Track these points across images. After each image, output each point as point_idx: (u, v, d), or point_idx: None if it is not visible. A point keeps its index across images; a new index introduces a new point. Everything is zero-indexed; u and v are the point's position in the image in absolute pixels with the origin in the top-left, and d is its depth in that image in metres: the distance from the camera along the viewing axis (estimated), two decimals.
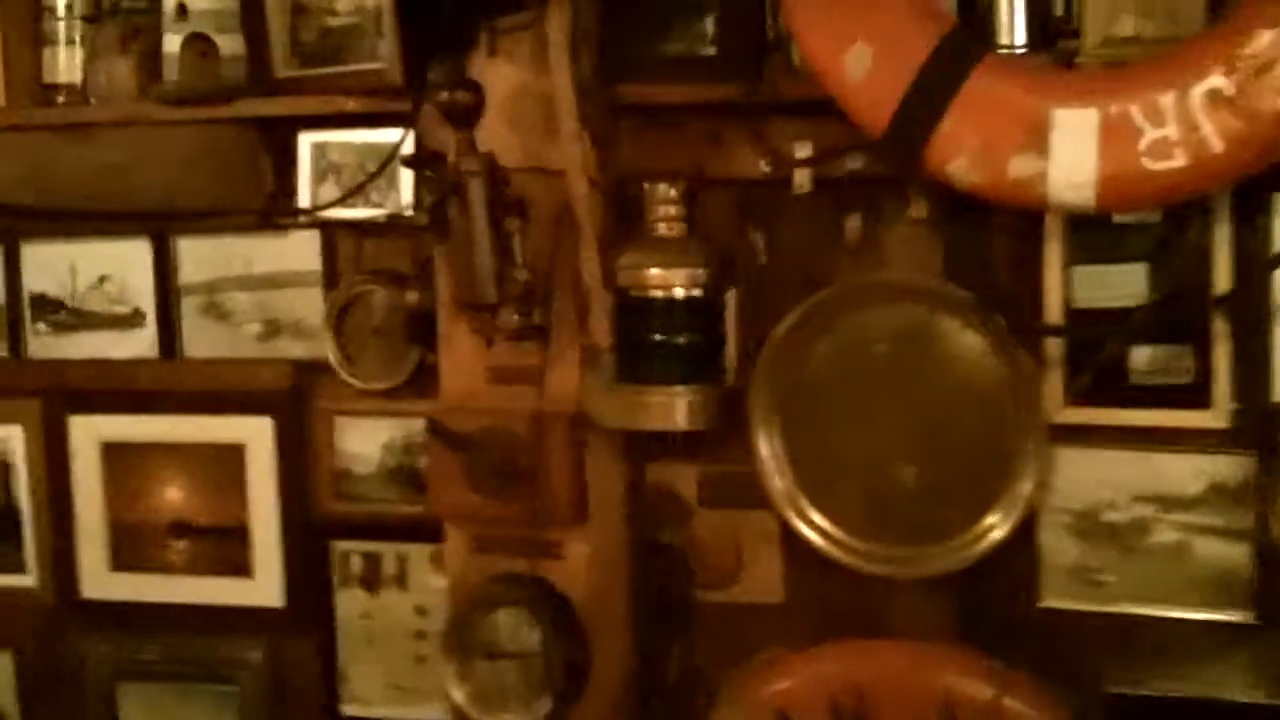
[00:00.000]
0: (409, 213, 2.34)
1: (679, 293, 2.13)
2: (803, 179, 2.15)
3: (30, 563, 2.73)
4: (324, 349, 2.50)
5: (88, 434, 2.69)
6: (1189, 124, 1.77)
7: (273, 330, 2.59)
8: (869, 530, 2.21)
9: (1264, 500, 2.09)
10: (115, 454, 2.68)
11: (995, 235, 2.18)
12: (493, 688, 2.24)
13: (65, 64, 2.54)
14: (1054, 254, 2.13)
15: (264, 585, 2.61)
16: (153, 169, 2.48)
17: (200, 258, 2.61)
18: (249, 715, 2.64)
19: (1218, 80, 1.76)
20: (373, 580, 2.58)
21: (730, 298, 2.19)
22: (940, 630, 2.25)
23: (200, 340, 2.63)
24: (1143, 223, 2.12)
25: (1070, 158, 1.82)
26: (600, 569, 2.28)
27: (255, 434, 2.58)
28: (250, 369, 2.59)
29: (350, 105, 2.32)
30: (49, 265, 2.69)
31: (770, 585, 2.36)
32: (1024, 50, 2.04)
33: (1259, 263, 2.06)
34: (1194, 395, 2.10)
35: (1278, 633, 2.11)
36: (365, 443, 2.54)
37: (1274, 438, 2.07)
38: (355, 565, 2.58)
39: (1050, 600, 2.22)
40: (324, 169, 2.43)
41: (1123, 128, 1.80)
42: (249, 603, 2.62)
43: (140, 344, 2.66)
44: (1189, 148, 1.78)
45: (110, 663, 2.70)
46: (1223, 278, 2.07)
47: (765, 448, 2.23)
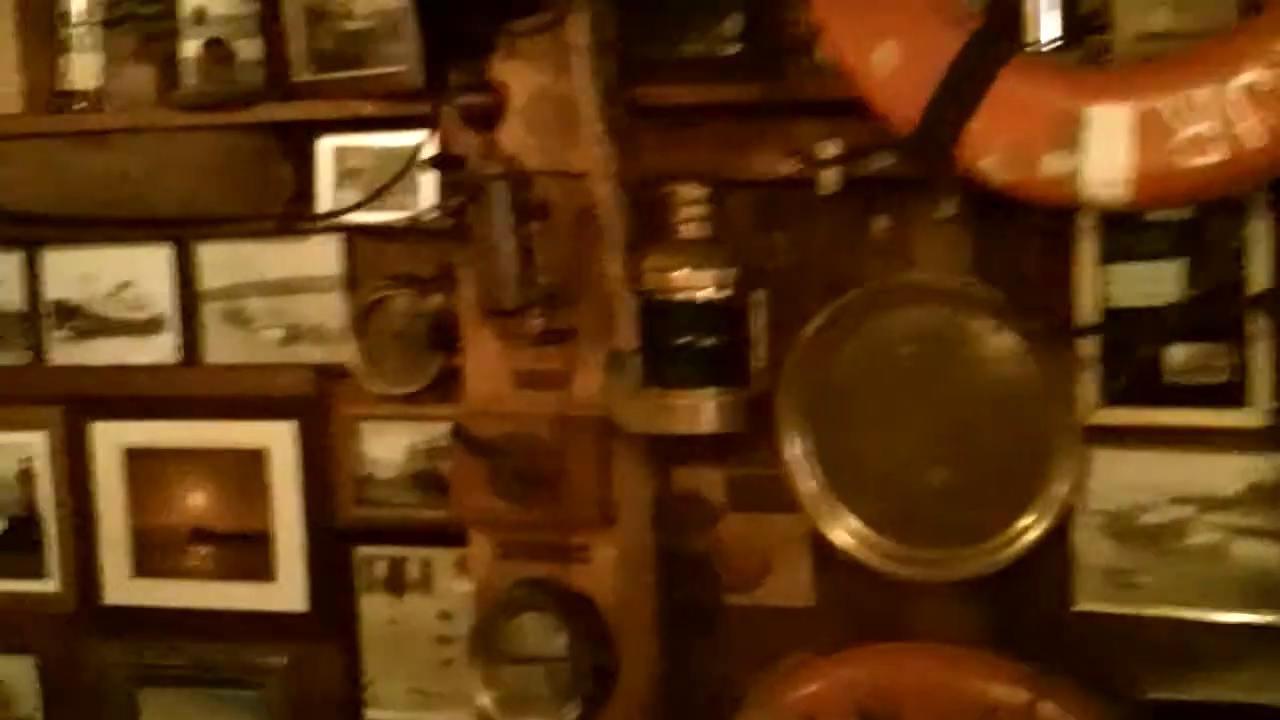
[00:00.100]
0: (430, 217, 2.32)
1: (704, 295, 2.12)
2: (829, 179, 2.12)
3: (52, 569, 2.73)
4: (345, 354, 2.49)
5: (109, 440, 2.68)
6: (1225, 119, 1.73)
7: (294, 336, 2.58)
8: (899, 533, 2.19)
9: None
10: (137, 460, 2.67)
11: (1026, 234, 2.15)
12: (519, 693, 2.23)
13: (82, 71, 2.53)
14: (1086, 252, 2.11)
15: (287, 591, 2.60)
16: (171, 175, 2.47)
17: (220, 263, 2.60)
18: None
19: (1255, 74, 1.72)
20: (397, 585, 2.57)
21: (757, 300, 2.17)
22: (971, 634, 2.23)
23: (221, 346, 2.63)
24: (1176, 219, 2.10)
25: (1103, 155, 1.79)
26: (626, 573, 2.27)
27: (277, 439, 2.57)
28: (271, 374, 2.58)
29: (370, 109, 2.31)
30: (69, 272, 2.68)
31: (798, 589, 2.34)
32: (1054, 47, 2.01)
33: None
34: (1231, 394, 2.08)
35: None
36: (388, 448, 2.53)
37: None
38: (379, 570, 2.57)
39: (1085, 603, 2.20)
40: (344, 173, 2.41)
41: (1157, 124, 1.76)
42: (272, 608, 2.62)
43: (161, 350, 2.65)
44: (1225, 143, 1.74)
45: (132, 669, 2.71)
46: (1259, 274, 2.05)
47: (793, 450, 2.22)
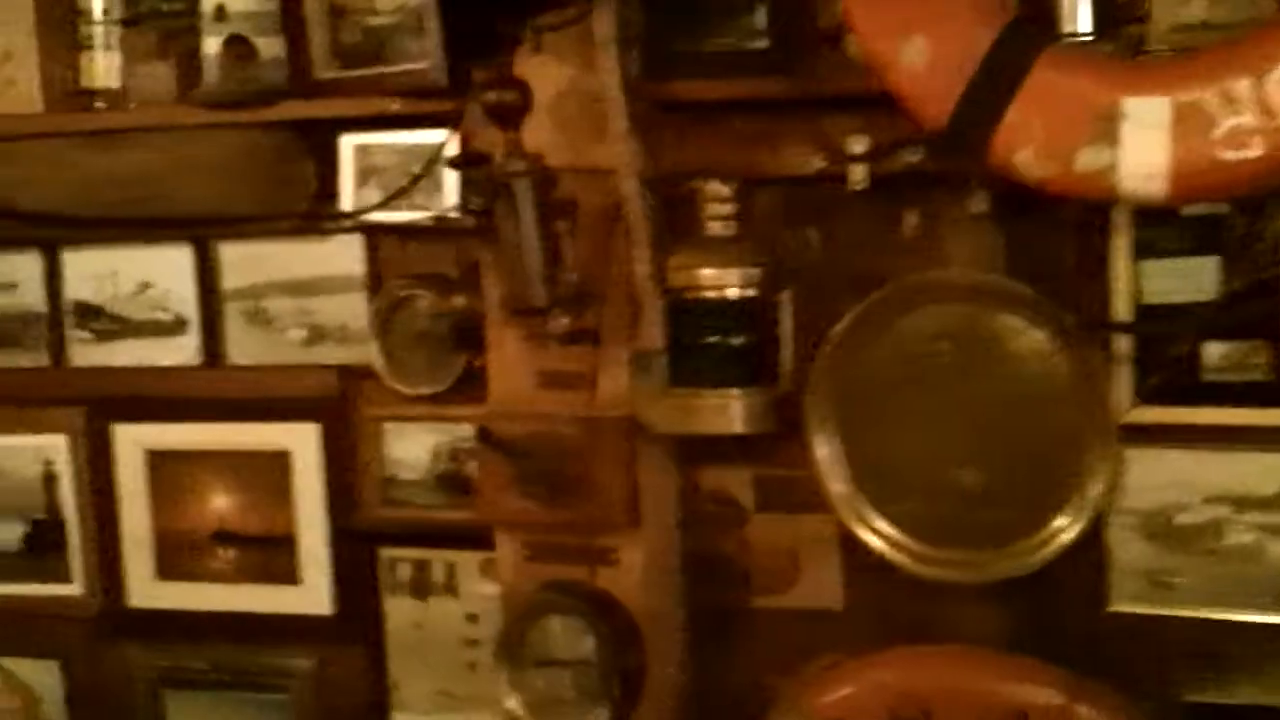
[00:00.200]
0: (454, 215, 2.30)
1: (732, 293, 2.09)
2: (858, 175, 2.10)
3: (76, 572, 2.72)
4: (368, 354, 2.47)
5: (132, 442, 2.67)
6: (1267, 111, 1.69)
7: (316, 336, 2.57)
8: (931, 535, 2.16)
9: None
10: (160, 462, 2.66)
11: (1059, 229, 2.12)
12: (546, 696, 2.22)
13: (103, 69, 2.52)
14: (1121, 248, 2.08)
15: (312, 593, 2.59)
16: (193, 174, 2.47)
17: (242, 263, 2.59)
18: None
19: None
20: (422, 587, 2.55)
21: (785, 298, 2.15)
22: (1004, 637, 2.20)
23: (244, 346, 2.61)
24: (1212, 214, 2.06)
25: (1141, 148, 1.76)
26: (653, 575, 2.25)
27: (301, 441, 2.56)
28: (295, 375, 2.57)
29: (393, 106, 2.29)
30: (90, 273, 2.67)
31: (828, 591, 2.32)
32: (1088, 38, 1.98)
33: None
34: (1269, 392, 2.05)
35: None
36: (412, 448, 2.51)
37: None
38: (403, 572, 2.56)
39: (1119, 605, 2.17)
40: (366, 171, 2.39)
41: (1196, 116, 1.73)
42: (297, 611, 2.60)
43: (183, 351, 2.64)
44: (1266, 136, 1.70)
45: (157, 672, 2.70)
46: None
47: (823, 451, 2.19)
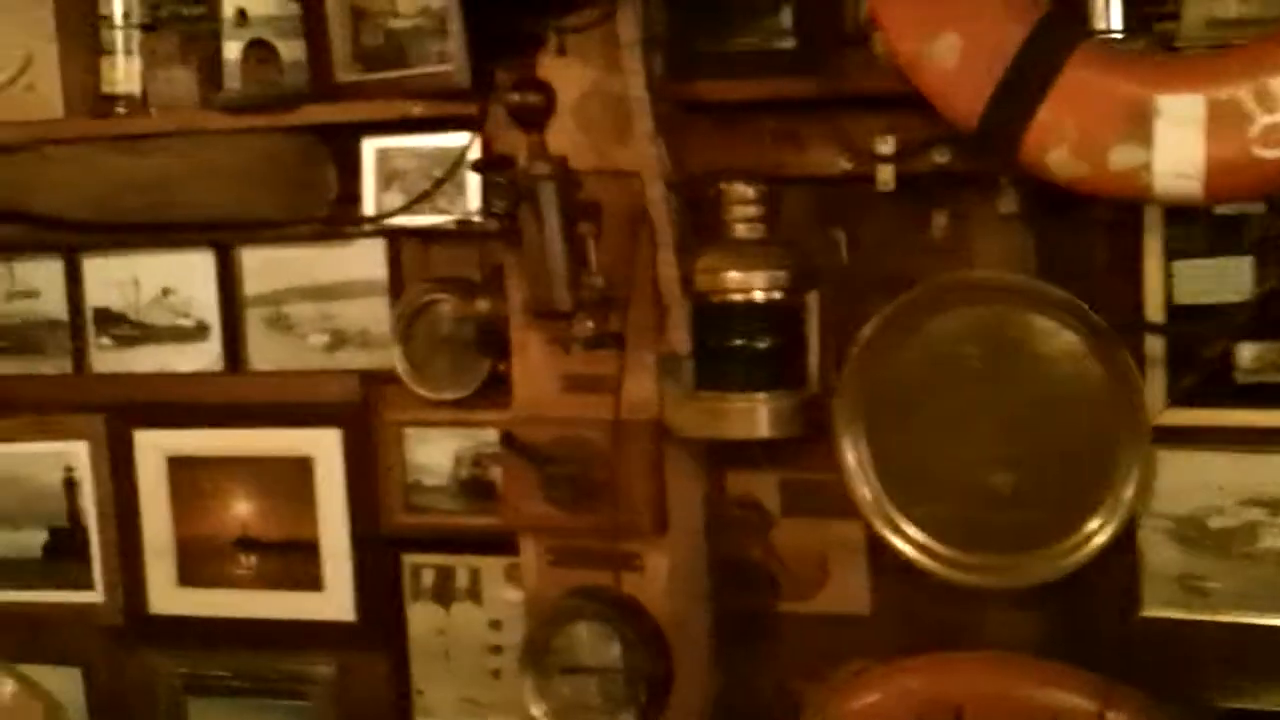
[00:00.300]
0: (477, 219, 2.28)
1: (759, 296, 2.08)
2: (886, 175, 2.09)
3: (97, 579, 2.71)
4: (391, 359, 2.45)
5: (153, 448, 2.66)
6: None
7: (338, 341, 2.55)
8: (962, 539, 2.14)
9: None
10: (181, 468, 2.65)
11: (1090, 230, 2.11)
12: (573, 703, 2.20)
13: (124, 74, 2.50)
14: (1153, 248, 2.07)
15: (334, 599, 2.57)
16: (214, 179, 2.46)
17: (264, 268, 2.58)
18: None
19: None
20: (445, 593, 2.53)
21: (812, 300, 2.13)
22: (1034, 642, 2.18)
23: (265, 352, 2.60)
24: (1245, 213, 2.04)
25: (1176, 146, 1.74)
26: (680, 581, 2.23)
27: (323, 446, 2.55)
28: (317, 381, 2.56)
29: (416, 110, 2.27)
30: (111, 279, 2.67)
31: (856, 596, 2.30)
32: (1120, 35, 1.95)
33: None
34: None
35: None
36: (435, 454, 2.50)
37: None
38: (427, 578, 2.54)
39: (1152, 610, 2.16)
40: (389, 175, 2.38)
41: (1231, 114, 1.71)
42: (319, 617, 2.59)
43: (205, 357, 2.63)
44: None
45: (179, 679, 2.70)
46: None
47: (851, 455, 2.17)
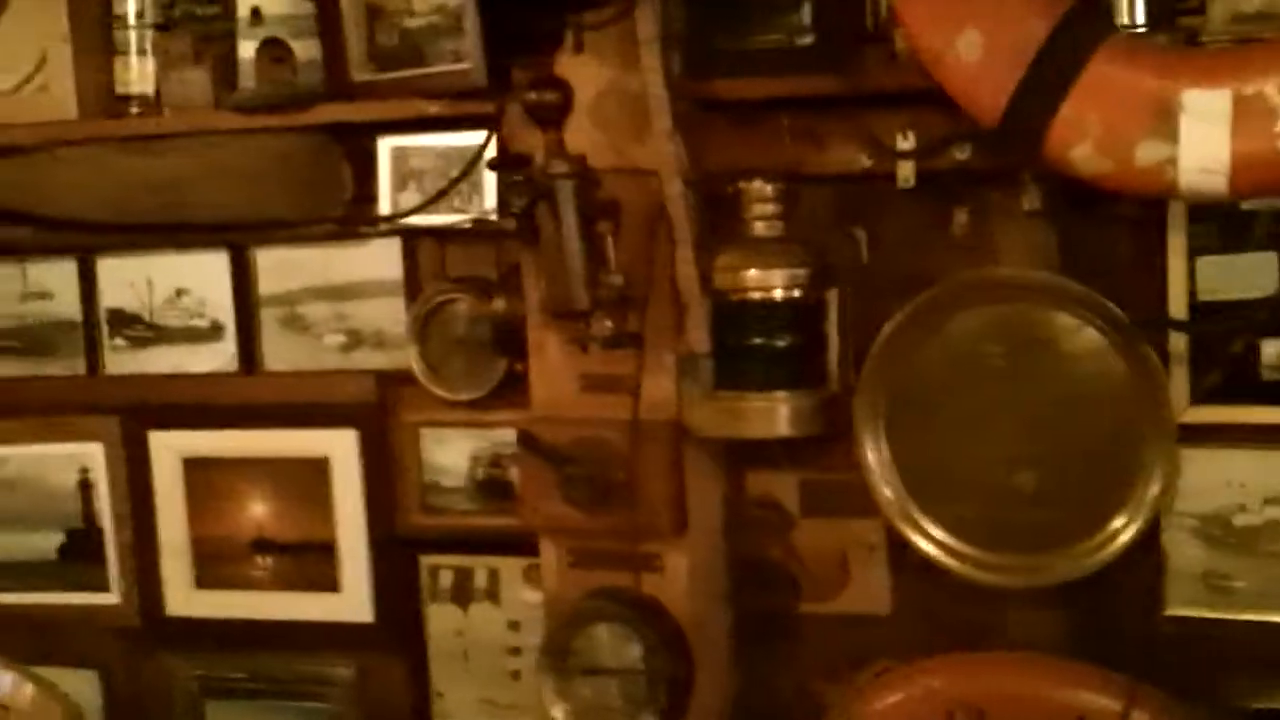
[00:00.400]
0: (493, 218, 2.27)
1: (778, 294, 2.07)
2: (907, 172, 2.08)
3: (113, 581, 2.71)
4: (407, 359, 2.44)
5: (168, 450, 2.65)
6: None
7: (354, 341, 2.54)
8: (984, 538, 2.13)
9: None
10: (197, 470, 2.64)
11: (1113, 226, 2.09)
12: (593, 705, 2.19)
13: (137, 74, 2.49)
14: (1177, 244, 2.05)
15: (352, 601, 2.57)
16: (228, 179, 2.45)
17: (279, 269, 2.56)
18: None
19: None
20: (463, 594, 2.52)
21: (832, 299, 2.12)
22: (1057, 642, 2.17)
23: (281, 353, 2.59)
24: (1270, 208, 2.02)
25: (1201, 142, 1.72)
26: (699, 582, 2.22)
27: (339, 447, 2.54)
28: (333, 381, 2.54)
29: (432, 109, 2.25)
30: (125, 280, 2.65)
31: (877, 596, 2.29)
32: (1144, 30, 1.93)
33: None
34: None
35: None
36: (452, 455, 2.49)
37: None
38: (445, 580, 2.53)
39: (1177, 609, 2.14)
40: (404, 175, 2.36)
41: (1258, 108, 1.69)
42: (337, 619, 2.58)
43: (220, 358, 2.62)
44: None
45: (196, 681, 2.69)
46: None
47: (872, 454, 2.16)
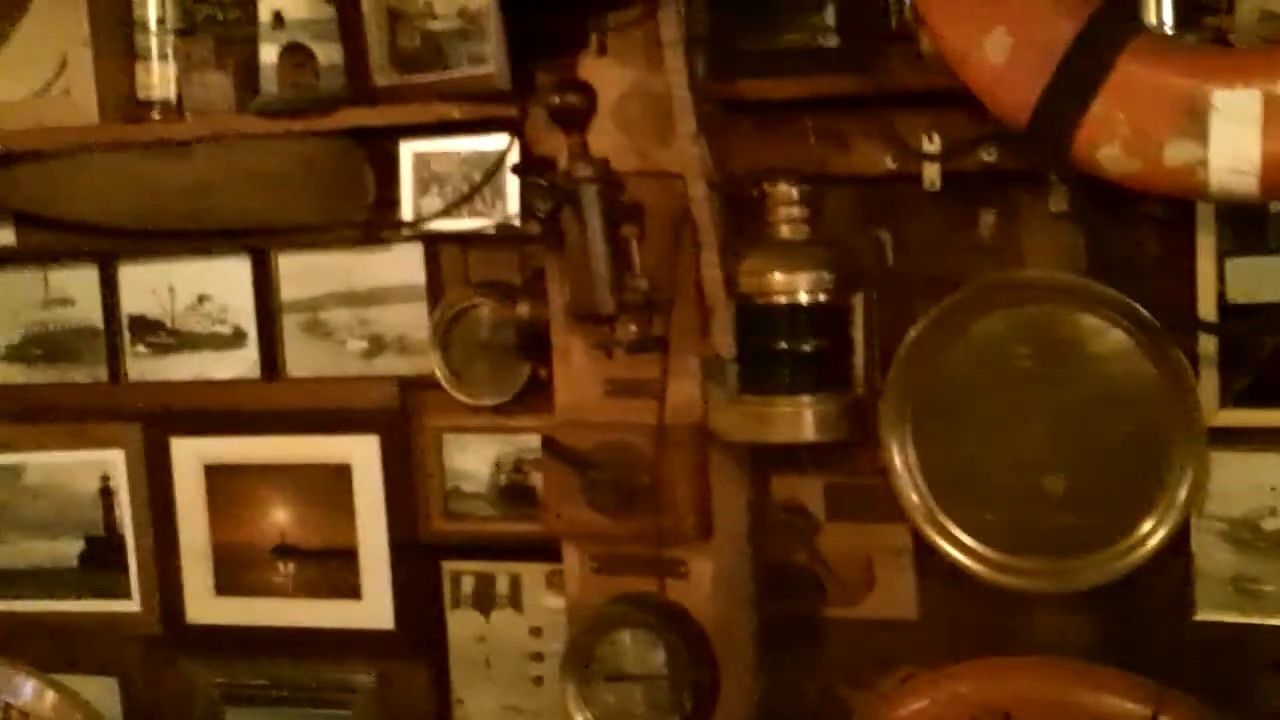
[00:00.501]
0: (516, 222, 2.26)
1: (803, 298, 2.07)
2: (933, 174, 2.06)
3: (134, 588, 2.71)
4: (430, 365, 2.44)
5: (190, 456, 2.65)
6: None
7: (377, 347, 2.54)
8: (1011, 542, 2.11)
9: None
10: (218, 476, 2.64)
11: (1141, 228, 2.07)
12: (617, 711, 2.19)
13: (159, 79, 2.48)
14: (1206, 246, 2.03)
15: (374, 607, 2.56)
16: (250, 184, 2.44)
17: (301, 274, 2.56)
18: None
19: None
20: (485, 601, 2.51)
21: (857, 302, 2.12)
22: (1084, 646, 2.16)
23: (302, 359, 2.58)
24: None
25: (1232, 142, 1.72)
26: (724, 587, 2.21)
27: (361, 453, 2.53)
28: (355, 387, 2.54)
29: (455, 112, 2.24)
30: (147, 286, 2.65)
31: (903, 601, 2.28)
32: (1173, 30, 1.92)
33: None
34: None
35: None
36: (475, 460, 2.48)
37: None
38: (467, 586, 2.52)
39: (1206, 613, 2.12)
40: (427, 179, 2.35)
41: None
42: (359, 625, 2.58)
43: (241, 364, 2.61)
44: None
45: (217, 688, 2.69)
46: None
47: (898, 459, 2.14)
